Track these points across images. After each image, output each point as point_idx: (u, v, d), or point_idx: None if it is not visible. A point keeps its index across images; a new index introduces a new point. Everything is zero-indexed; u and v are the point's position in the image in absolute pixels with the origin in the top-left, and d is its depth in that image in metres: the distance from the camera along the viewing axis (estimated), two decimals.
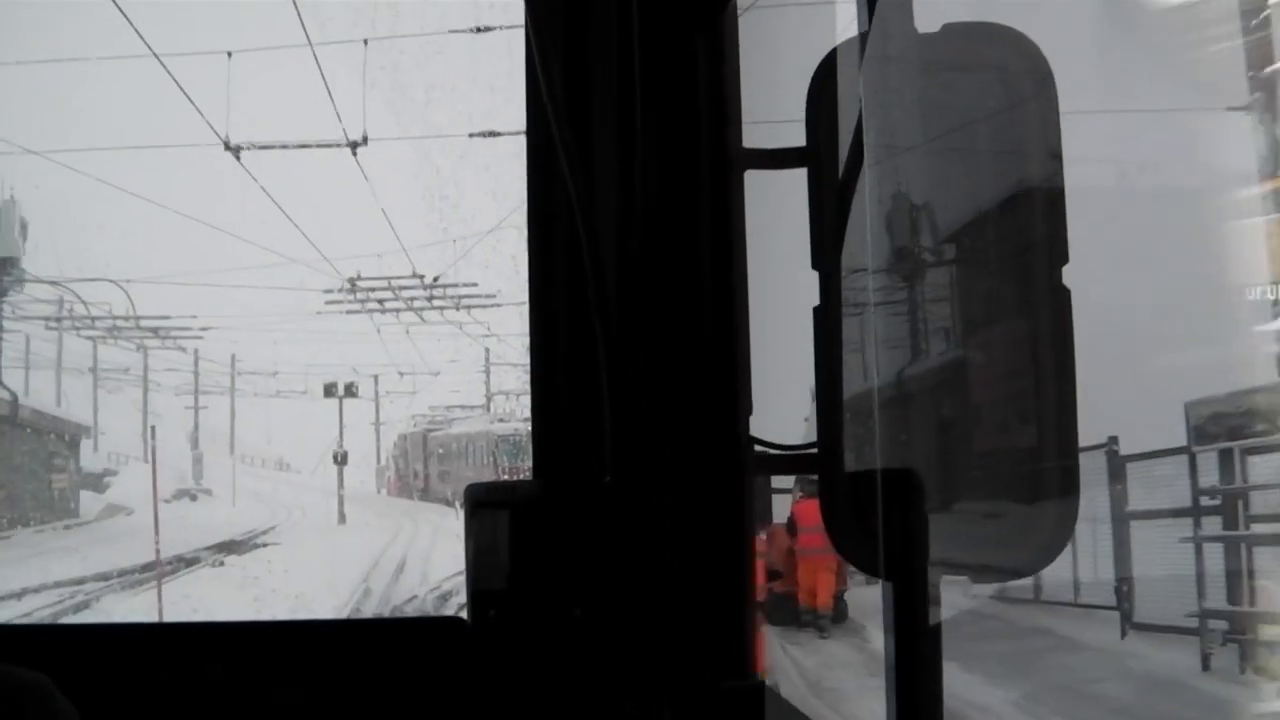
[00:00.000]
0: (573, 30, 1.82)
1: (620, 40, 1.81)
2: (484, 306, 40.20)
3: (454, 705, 1.82)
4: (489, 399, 50.90)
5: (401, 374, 50.75)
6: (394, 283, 39.30)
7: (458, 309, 40.27)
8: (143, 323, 44.89)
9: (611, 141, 1.82)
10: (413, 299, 39.62)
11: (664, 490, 1.78)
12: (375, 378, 51.02)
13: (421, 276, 39.07)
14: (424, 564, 27.65)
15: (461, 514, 1.89)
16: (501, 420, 45.49)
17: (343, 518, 41.08)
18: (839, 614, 17.03)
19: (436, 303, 39.62)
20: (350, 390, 47.29)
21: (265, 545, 32.60)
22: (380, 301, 40.20)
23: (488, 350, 48.18)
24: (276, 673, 1.83)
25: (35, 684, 1.50)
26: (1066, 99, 1.71)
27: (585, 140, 1.80)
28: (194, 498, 43.61)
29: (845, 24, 1.77)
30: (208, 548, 30.75)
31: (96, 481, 40.71)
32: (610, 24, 1.82)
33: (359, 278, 39.79)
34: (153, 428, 35.29)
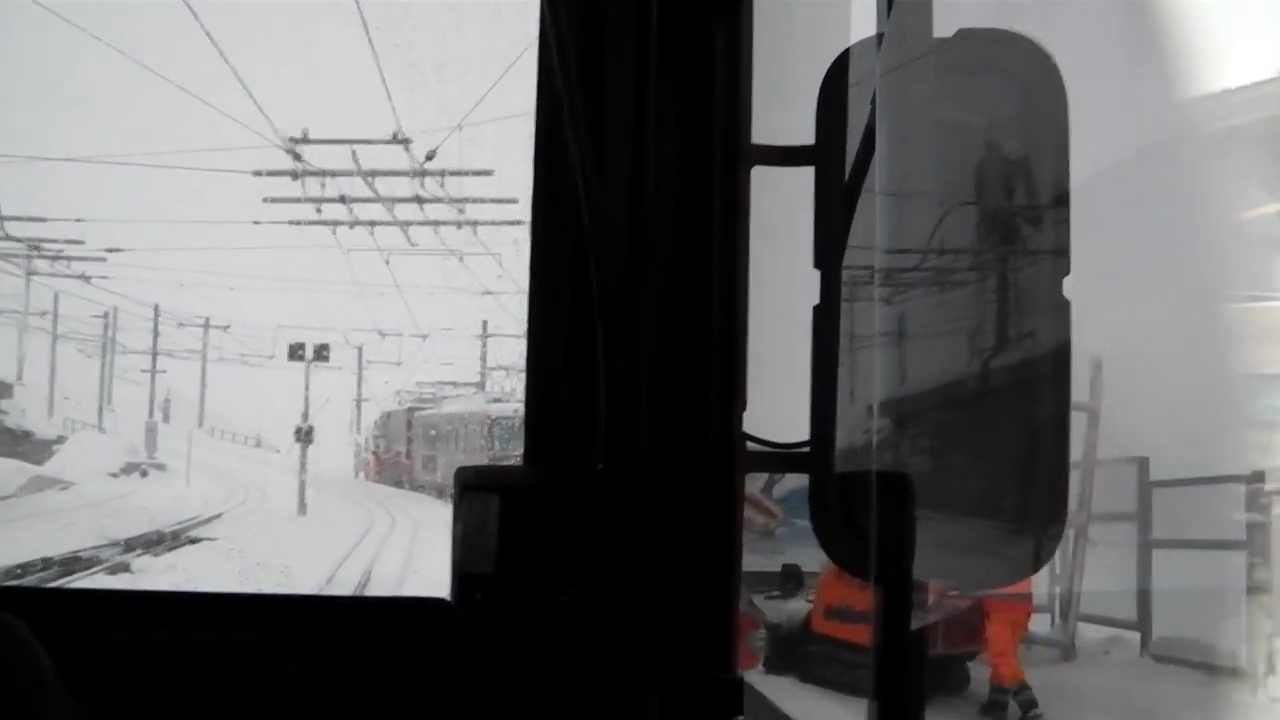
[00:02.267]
0: (588, 15, 2.08)
1: (638, 27, 2.07)
2: (496, 223, 33.73)
3: (435, 687, 2.10)
4: (484, 374, 50.32)
5: (383, 335, 48.12)
6: (360, 154, 31.03)
7: (460, 225, 33.43)
8: (9, 227, 38.50)
9: (624, 129, 2.08)
10: (393, 202, 32.35)
11: (655, 481, 2.05)
12: (359, 349, 49.75)
13: (406, 142, 30.36)
14: (396, 580, 24.24)
15: (450, 507, 2.16)
16: (499, 400, 44.27)
17: (303, 507, 38.08)
18: (1026, 701, 13.22)
19: (430, 211, 32.96)
20: (320, 354, 44.59)
21: (198, 541, 29.60)
22: (345, 201, 32.32)
23: (485, 323, 47.38)
24: (263, 642, 2.11)
25: (9, 628, 1.64)
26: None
27: (596, 127, 2.06)
28: (144, 473, 43.20)
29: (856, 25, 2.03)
30: (121, 541, 27.28)
31: (44, 450, 40.63)
32: (628, 10, 2.08)
33: (305, 139, 30.86)
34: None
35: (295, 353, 44.67)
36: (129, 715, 2.09)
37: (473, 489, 2.09)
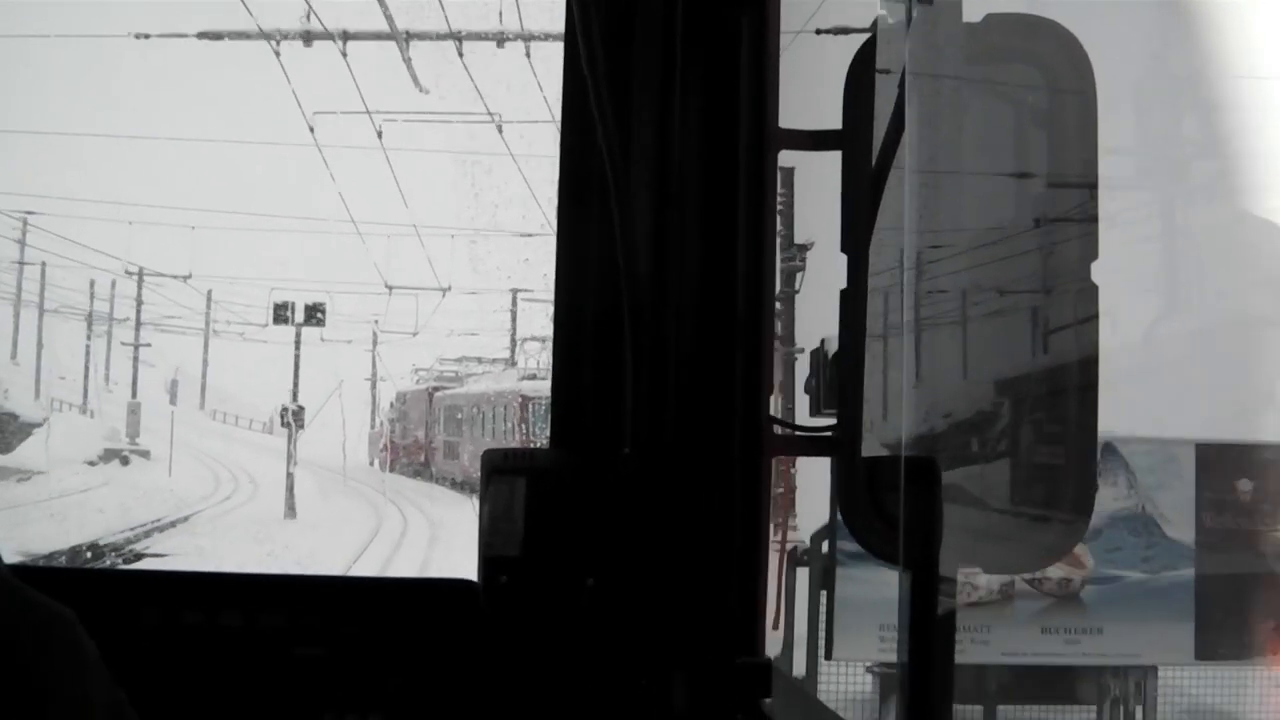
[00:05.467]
0: (616, 3, 2.42)
1: (665, 14, 2.41)
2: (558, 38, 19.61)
3: (463, 667, 2.47)
4: (514, 345, 49.74)
5: (390, 288, 44.35)
6: None
7: (501, 41, 23.50)
8: None
9: (650, 114, 2.43)
10: None
11: (682, 465, 2.40)
12: (375, 322, 48.11)
13: None
14: None
15: (474, 502, 2.53)
16: (533, 377, 43.01)
17: (291, 509, 36.14)
18: None
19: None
20: (314, 316, 42.00)
21: (143, 557, 27.49)
22: None
23: (514, 292, 46.74)
24: (291, 624, 2.49)
25: (62, 617, 1.92)
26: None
27: (624, 112, 2.41)
28: (125, 460, 43.35)
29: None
30: (39, 559, 23.66)
31: (26, 435, 40.95)
32: None
33: None
34: None
35: (281, 314, 41.89)
36: (160, 697, 2.47)
37: (500, 472, 2.46)
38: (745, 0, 2.40)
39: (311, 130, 29.54)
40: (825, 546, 11.23)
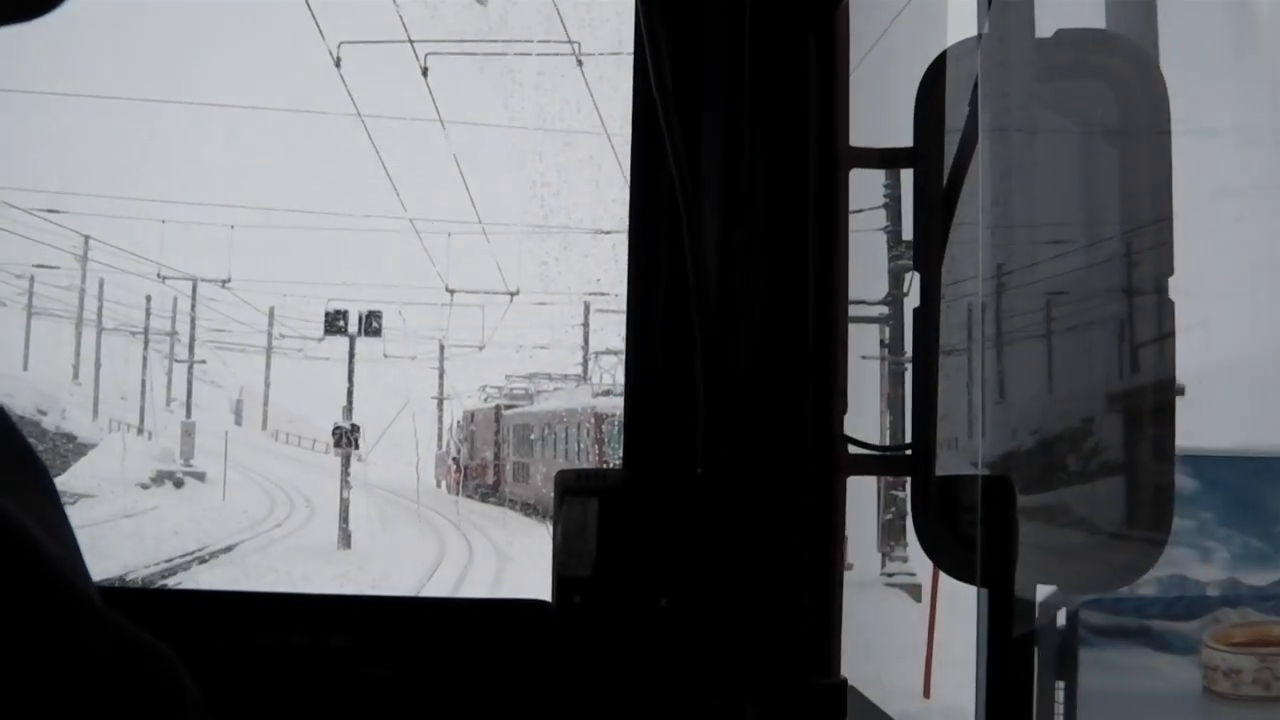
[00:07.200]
0: (684, 21, 2.58)
1: (732, 34, 2.56)
2: None
3: (535, 687, 2.62)
4: (588, 359, 49.65)
5: (451, 292, 43.76)
6: None
7: None
8: None
9: (719, 134, 2.58)
10: None
11: (755, 485, 2.54)
12: (440, 345, 48.38)
13: None
14: None
15: (545, 527, 2.69)
16: (607, 393, 42.67)
17: (346, 539, 35.47)
18: None
19: None
20: (370, 326, 41.18)
21: None
22: None
23: (587, 305, 46.79)
24: (361, 645, 2.65)
25: (162, 656, 2.08)
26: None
27: (693, 132, 2.56)
28: (179, 483, 43.87)
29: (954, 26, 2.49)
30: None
31: (79, 455, 41.53)
32: (722, 17, 2.57)
33: None
34: None
35: (334, 324, 41.20)
36: (231, 717, 2.63)
37: (573, 492, 2.61)
38: (813, 18, 2.54)
39: (337, 64, 27.96)
40: (1061, 617, 8.99)
